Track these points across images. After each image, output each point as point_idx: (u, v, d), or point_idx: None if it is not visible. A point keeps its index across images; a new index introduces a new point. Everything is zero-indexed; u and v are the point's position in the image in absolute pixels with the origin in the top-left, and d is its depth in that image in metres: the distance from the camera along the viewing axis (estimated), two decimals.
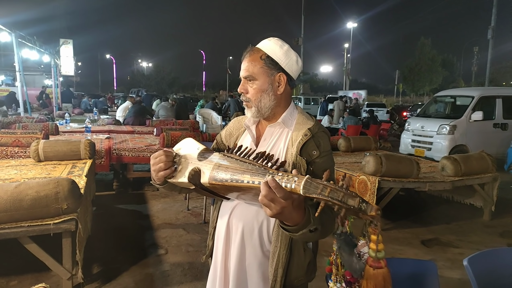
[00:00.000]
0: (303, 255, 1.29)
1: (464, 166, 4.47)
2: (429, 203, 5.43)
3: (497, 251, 1.64)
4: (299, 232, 1.06)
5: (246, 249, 1.31)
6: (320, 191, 0.85)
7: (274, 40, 1.32)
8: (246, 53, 1.32)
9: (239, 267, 1.31)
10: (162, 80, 51.33)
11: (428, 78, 39.54)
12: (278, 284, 1.26)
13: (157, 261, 3.40)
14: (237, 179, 1.04)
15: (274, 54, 1.29)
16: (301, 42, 33.22)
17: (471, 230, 4.45)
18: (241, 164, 1.08)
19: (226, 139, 1.45)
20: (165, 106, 10.37)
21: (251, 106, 1.31)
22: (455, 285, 3.08)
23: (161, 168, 1.20)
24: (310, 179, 0.89)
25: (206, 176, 1.13)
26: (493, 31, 19.55)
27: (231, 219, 1.33)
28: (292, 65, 1.32)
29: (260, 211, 1.29)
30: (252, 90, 1.29)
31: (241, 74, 1.31)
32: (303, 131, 1.28)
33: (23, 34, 9.84)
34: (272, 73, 1.29)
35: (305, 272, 1.31)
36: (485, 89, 10.24)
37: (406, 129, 8.71)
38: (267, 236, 1.30)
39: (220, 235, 1.37)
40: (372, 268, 0.94)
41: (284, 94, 1.32)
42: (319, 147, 1.26)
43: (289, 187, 0.91)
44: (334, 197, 0.84)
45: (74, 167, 3.95)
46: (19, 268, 3.07)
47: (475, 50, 43.60)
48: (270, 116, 1.33)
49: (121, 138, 6.35)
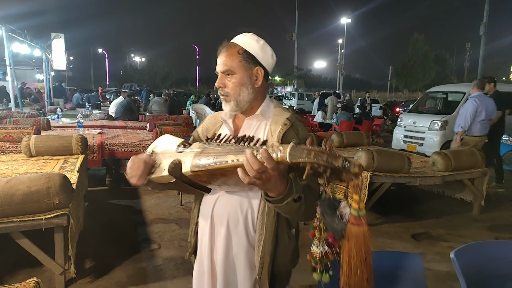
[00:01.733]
0: (287, 242, 1.34)
1: (455, 161, 4.53)
2: (420, 197, 5.49)
3: (483, 244, 1.68)
4: (284, 202, 1.10)
5: (232, 239, 1.33)
6: (305, 155, 0.89)
7: (250, 35, 1.35)
8: (223, 48, 1.33)
9: (226, 258, 1.33)
10: (155, 75, 51.03)
11: (421, 74, 39.74)
12: (265, 270, 1.30)
13: (150, 256, 3.41)
14: (220, 161, 1.04)
15: (251, 49, 1.32)
16: (295, 37, 33.20)
17: (461, 224, 4.52)
18: (223, 148, 1.10)
19: (203, 134, 1.45)
20: (158, 101, 10.35)
21: (230, 100, 1.33)
22: (444, 278, 3.13)
23: (135, 175, 1.21)
24: (294, 146, 0.93)
25: (187, 165, 1.13)
26: (485, 27, 19.72)
27: (214, 212, 1.35)
28: (268, 59, 1.35)
29: (243, 201, 1.31)
30: (231, 84, 1.31)
31: (218, 69, 1.33)
32: (281, 121, 1.32)
33: (13, 28, 9.71)
34: (250, 67, 1.32)
35: (290, 258, 1.36)
36: None
37: (398, 124, 8.78)
38: (251, 225, 1.33)
39: (205, 230, 1.38)
40: (354, 225, 1.00)
41: (261, 87, 1.35)
42: (298, 135, 1.30)
43: (275, 156, 0.95)
44: (319, 159, 0.87)
45: (66, 162, 3.93)
46: (11, 263, 3.06)
47: (468, 46, 43.86)
48: (248, 109, 1.35)
49: (114, 133, 6.33)
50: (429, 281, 3.02)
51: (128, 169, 1.23)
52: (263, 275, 1.30)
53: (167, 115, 9.05)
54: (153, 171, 1.23)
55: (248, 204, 1.32)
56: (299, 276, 3.21)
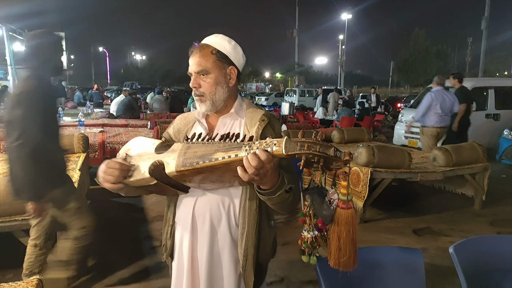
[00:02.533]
0: (268, 233, 1.40)
1: (455, 157, 4.53)
2: (421, 193, 5.49)
3: (483, 239, 1.68)
4: (277, 193, 1.16)
5: (216, 236, 1.35)
6: (299, 147, 0.93)
7: (221, 36, 1.38)
8: (195, 49, 1.35)
9: (210, 255, 1.34)
10: (155, 73, 51.03)
11: (422, 69, 39.62)
12: (249, 262, 1.33)
13: (152, 253, 3.42)
14: (209, 159, 1.05)
15: (224, 49, 1.35)
16: (296, 33, 33.15)
17: (462, 219, 4.52)
18: (209, 146, 1.10)
19: (175, 135, 1.45)
20: (159, 99, 10.36)
21: (205, 100, 1.34)
22: (445, 273, 3.14)
23: (110, 181, 1.18)
24: (288, 139, 0.97)
25: (171, 166, 1.13)
26: (486, 21, 19.61)
27: (195, 211, 1.34)
28: (240, 59, 1.39)
29: (224, 197, 1.33)
30: (206, 84, 1.33)
31: (193, 69, 1.34)
32: (257, 117, 1.36)
33: (14, 27, 9.73)
34: (224, 66, 1.35)
35: (270, 248, 1.43)
36: (477, 79, 10.31)
37: (399, 120, 8.76)
38: (234, 220, 1.35)
39: (185, 229, 1.37)
40: (342, 209, 1.09)
41: (234, 86, 1.39)
42: (274, 130, 1.35)
43: (271, 150, 0.99)
44: (312, 149, 0.92)
45: (68, 161, 3.94)
46: (14, 261, 3.07)
47: (469, 40, 43.67)
48: (222, 108, 1.38)
49: (115, 132, 6.34)
50: (430, 276, 3.04)
51: (101, 173, 1.18)
52: (247, 267, 1.33)
53: (168, 113, 9.07)
54: (130, 175, 1.19)
55: (230, 200, 1.34)
56: (300, 272, 3.24)
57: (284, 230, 3.98)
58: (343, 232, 1.09)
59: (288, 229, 4.00)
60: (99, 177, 1.21)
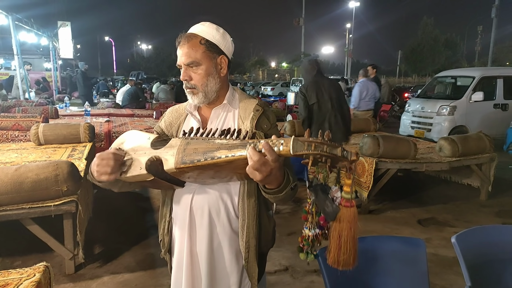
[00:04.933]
0: (268, 223, 1.39)
1: (462, 147, 4.49)
2: (427, 183, 5.47)
3: (485, 229, 1.68)
4: (283, 192, 1.14)
5: (215, 229, 1.32)
6: (307, 147, 0.92)
7: (208, 24, 1.33)
8: (183, 40, 1.30)
9: (210, 249, 1.32)
10: (162, 63, 50.93)
11: (430, 59, 39.11)
12: (252, 253, 1.32)
13: (157, 242, 3.44)
14: (212, 156, 1.04)
15: (213, 38, 1.30)
16: (302, 22, 32.83)
17: (468, 210, 4.51)
18: (211, 143, 1.08)
19: (167, 129, 1.41)
20: (164, 89, 10.37)
21: (198, 92, 1.30)
22: (450, 263, 3.14)
23: (106, 172, 1.14)
24: (296, 139, 0.95)
25: (170, 163, 1.10)
26: (497, 9, 19.29)
27: (193, 205, 1.32)
28: (229, 47, 1.35)
29: (222, 189, 1.31)
30: (197, 76, 1.29)
31: (182, 61, 1.29)
32: (251, 107, 1.34)
33: (20, 16, 9.74)
34: (214, 56, 1.30)
35: (271, 237, 1.43)
36: (486, 69, 10.14)
37: (406, 110, 8.68)
38: (233, 213, 1.33)
39: (183, 224, 1.34)
40: (346, 207, 1.08)
41: (225, 76, 1.35)
42: (269, 120, 1.34)
43: (277, 150, 0.98)
44: (320, 150, 0.91)
45: (74, 150, 3.99)
46: (23, 249, 3.14)
47: (479, 29, 42.97)
48: (214, 99, 1.34)
49: (121, 121, 6.36)
50: (435, 266, 3.07)
51: (96, 166, 1.15)
52: (250, 259, 1.32)
53: (174, 102, 9.07)
54: (125, 170, 1.16)
55: (228, 192, 1.32)
56: (304, 262, 3.25)
57: (290, 220, 4.00)
58: (345, 230, 1.09)
59: (294, 219, 4.02)
60: (93, 172, 1.17)
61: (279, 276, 2.94)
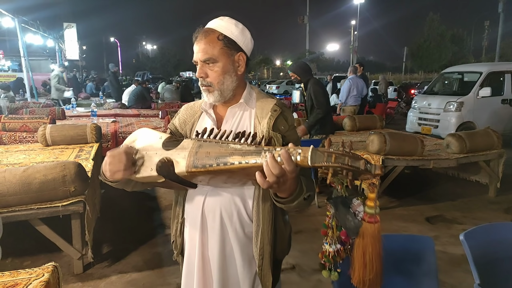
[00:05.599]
0: (284, 229, 1.32)
1: (469, 143, 4.45)
2: (435, 180, 5.43)
3: (494, 226, 1.66)
4: (295, 202, 1.08)
5: (227, 234, 1.27)
6: (326, 158, 0.87)
7: (227, 19, 1.27)
8: (200, 35, 1.24)
9: (222, 254, 1.27)
10: (167, 63, 51.08)
11: (437, 55, 38.78)
12: (266, 261, 1.26)
13: (165, 241, 3.48)
14: (225, 162, 0.99)
15: (231, 34, 1.24)
16: (307, 20, 32.72)
17: (476, 207, 4.47)
18: (224, 147, 1.03)
19: (181, 127, 1.36)
20: (170, 89, 10.39)
21: (213, 90, 1.24)
22: (459, 261, 3.12)
23: (119, 169, 1.10)
24: (315, 149, 0.90)
25: (181, 165, 1.06)
26: (504, 4, 19.06)
27: (205, 207, 1.27)
28: (248, 44, 1.28)
29: (235, 192, 1.25)
30: (214, 73, 1.23)
31: (198, 58, 1.23)
32: (268, 107, 1.27)
33: (26, 19, 9.83)
34: (232, 53, 1.24)
35: (287, 244, 1.36)
36: (493, 64, 10.04)
37: (412, 107, 8.63)
38: (247, 217, 1.27)
39: (195, 227, 1.30)
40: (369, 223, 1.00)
41: (243, 74, 1.29)
42: (287, 121, 1.27)
43: (294, 159, 0.92)
44: (340, 162, 0.85)
45: (81, 151, 4.01)
46: (32, 249, 3.17)
47: (486, 24, 42.48)
48: (231, 97, 1.28)
49: (127, 122, 6.40)
50: (444, 264, 3.04)
51: (108, 165, 1.11)
52: (264, 266, 1.26)
53: (179, 102, 9.09)
54: (136, 170, 1.12)
55: (242, 196, 1.26)
56: (311, 260, 3.25)
57: (297, 218, 3.99)
58: (369, 247, 1.01)
59: (301, 217, 4.01)
60: (105, 172, 1.13)
61: (286, 275, 2.94)
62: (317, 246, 1.39)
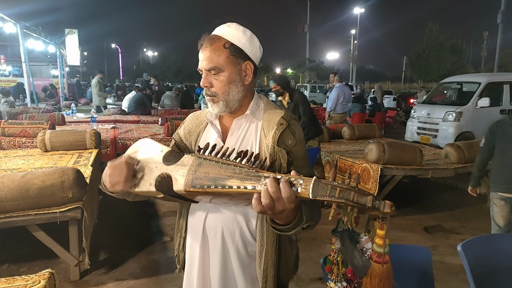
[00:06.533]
0: (289, 249, 1.25)
1: (468, 153, 4.46)
2: (433, 190, 5.44)
3: (492, 237, 1.67)
4: (292, 231, 1.03)
5: (228, 253, 1.21)
6: (329, 192, 0.81)
7: (234, 25, 1.19)
8: (205, 42, 1.17)
9: (223, 274, 1.21)
10: (168, 69, 51.27)
11: (436, 64, 38.99)
12: (270, 284, 1.19)
13: (163, 248, 3.47)
14: (223, 185, 0.94)
15: (238, 41, 1.17)
16: (307, 28, 32.90)
17: (474, 217, 4.47)
18: (224, 168, 0.98)
19: (185, 137, 1.30)
20: (170, 96, 10.41)
21: (218, 101, 1.18)
22: (456, 271, 3.11)
23: (120, 181, 1.06)
24: (317, 181, 0.83)
25: (180, 183, 1.01)
26: (502, 15, 19.22)
27: (206, 225, 1.22)
28: (256, 52, 1.22)
29: (238, 210, 1.20)
30: (219, 83, 1.17)
31: (203, 66, 1.17)
32: (275, 120, 1.20)
33: (28, 24, 9.89)
34: (239, 62, 1.18)
35: (292, 266, 1.29)
36: (492, 75, 10.10)
37: (411, 116, 8.65)
38: (250, 235, 1.21)
39: (196, 242, 1.24)
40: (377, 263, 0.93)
41: (250, 84, 1.23)
42: (294, 135, 1.20)
43: (295, 190, 0.86)
44: (345, 197, 0.79)
45: (80, 157, 4.01)
46: (28, 255, 3.16)
47: (485, 34, 42.81)
48: (237, 108, 1.22)
49: (126, 128, 6.40)
50: (441, 274, 3.04)
51: (108, 177, 1.07)
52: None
53: (179, 109, 9.11)
54: (135, 183, 1.09)
55: (244, 214, 1.20)
56: (309, 269, 3.24)
57: None
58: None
59: None
60: (106, 183, 1.09)
61: None
62: (315, 255, 1.40)
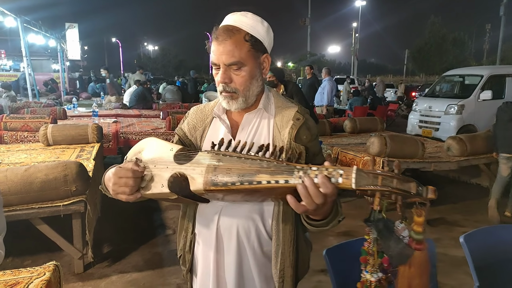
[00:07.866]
0: (305, 248, 1.21)
1: (470, 146, 4.46)
2: (436, 183, 5.39)
3: (494, 228, 1.67)
4: (329, 225, 1.01)
5: (244, 253, 1.15)
6: (371, 181, 0.77)
7: (251, 15, 1.10)
8: (223, 34, 1.06)
9: (238, 275, 1.16)
10: (168, 63, 51.17)
11: (438, 57, 38.79)
12: (287, 284, 1.14)
13: (165, 241, 3.48)
14: (250, 181, 0.87)
15: (258, 33, 1.08)
16: (308, 22, 32.73)
17: (477, 210, 4.47)
18: (248, 163, 0.91)
19: (190, 133, 1.21)
20: (171, 90, 10.41)
21: (238, 97, 1.09)
22: (459, 263, 3.11)
23: (124, 193, 0.97)
24: (359, 170, 0.79)
25: (198, 182, 0.93)
26: (505, 7, 19.08)
27: (220, 225, 1.14)
28: (271, 44, 1.15)
29: (253, 208, 1.13)
30: (240, 79, 1.07)
31: (222, 60, 1.06)
32: (290, 115, 1.13)
33: (28, 19, 9.86)
34: (258, 55, 1.10)
35: (308, 265, 1.25)
36: (494, 67, 10.04)
37: (413, 109, 8.63)
38: (266, 234, 1.15)
39: (209, 246, 1.17)
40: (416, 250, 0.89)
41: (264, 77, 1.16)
42: (310, 131, 1.13)
43: (335, 181, 0.82)
44: (388, 185, 0.76)
45: (83, 151, 4.02)
46: (32, 248, 3.18)
47: (487, 27, 42.51)
48: None
49: (128, 122, 6.40)
50: (445, 266, 3.05)
51: (113, 185, 0.98)
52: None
53: (180, 103, 9.11)
54: (143, 186, 0.99)
55: (259, 212, 1.14)
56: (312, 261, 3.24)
57: None
58: (416, 278, 0.89)
59: None
60: (109, 188, 1.02)
61: None
62: (318, 247, 1.39)
